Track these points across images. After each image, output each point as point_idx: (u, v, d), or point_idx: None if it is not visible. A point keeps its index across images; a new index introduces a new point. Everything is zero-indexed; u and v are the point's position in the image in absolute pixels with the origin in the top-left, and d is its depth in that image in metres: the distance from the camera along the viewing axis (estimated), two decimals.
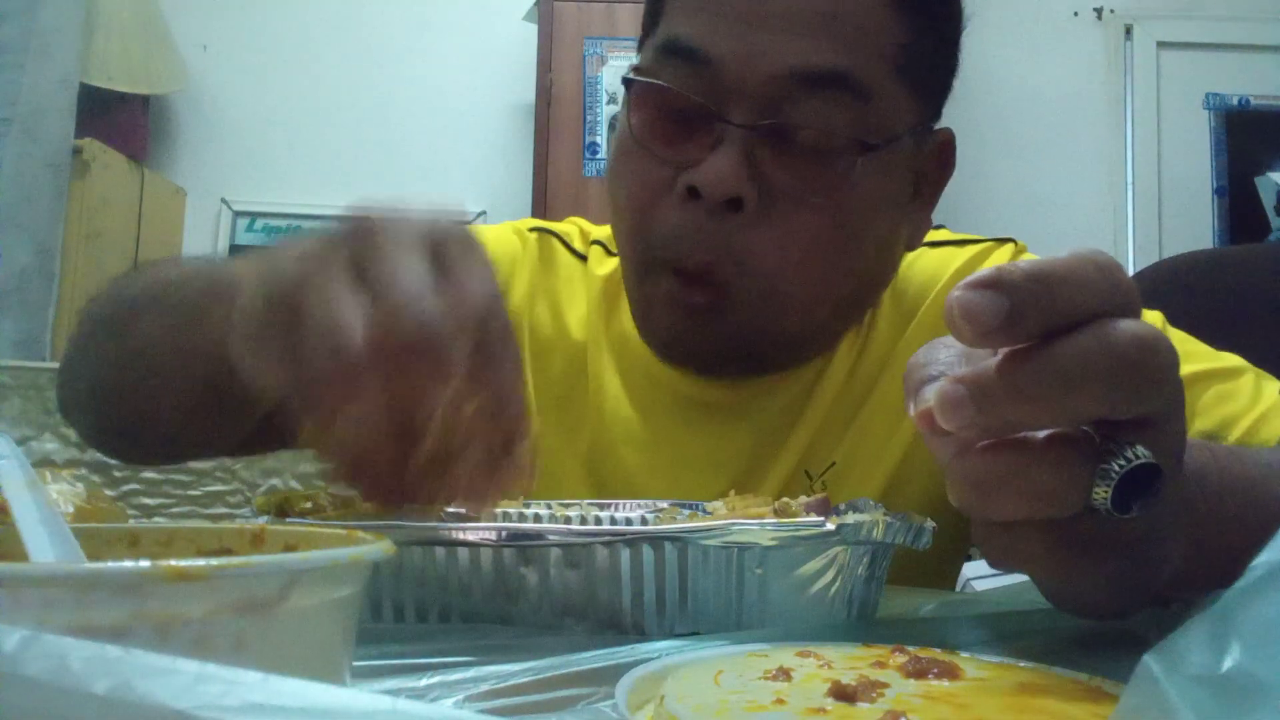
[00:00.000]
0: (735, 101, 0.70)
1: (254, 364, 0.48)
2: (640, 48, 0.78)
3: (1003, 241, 0.85)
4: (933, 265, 0.84)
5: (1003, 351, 0.38)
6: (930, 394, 0.38)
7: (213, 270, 0.63)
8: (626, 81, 0.75)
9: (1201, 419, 0.73)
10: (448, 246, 0.48)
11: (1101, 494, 0.38)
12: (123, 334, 0.70)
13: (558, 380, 0.85)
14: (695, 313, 0.72)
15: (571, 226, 0.93)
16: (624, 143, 0.75)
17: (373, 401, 0.44)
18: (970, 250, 0.84)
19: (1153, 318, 0.80)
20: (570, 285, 0.88)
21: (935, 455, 0.41)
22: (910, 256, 0.85)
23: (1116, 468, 0.38)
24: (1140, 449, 0.38)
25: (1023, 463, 0.38)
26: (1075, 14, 3.37)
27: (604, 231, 0.91)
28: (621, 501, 0.70)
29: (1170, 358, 0.39)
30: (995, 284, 0.36)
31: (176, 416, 0.68)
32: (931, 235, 0.87)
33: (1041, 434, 0.38)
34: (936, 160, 0.79)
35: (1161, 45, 3.34)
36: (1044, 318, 0.37)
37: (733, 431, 0.81)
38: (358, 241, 0.47)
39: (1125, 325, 0.38)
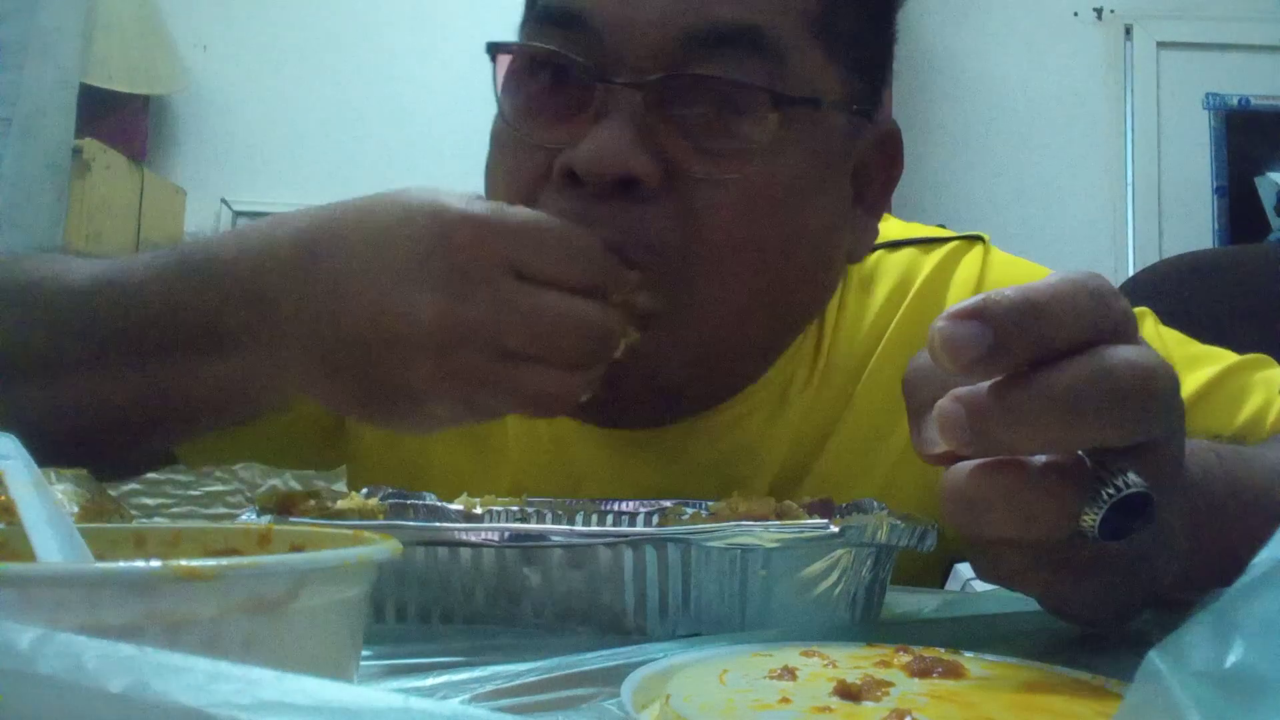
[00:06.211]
0: (620, 62, 0.58)
1: (336, 388, 0.54)
2: (520, 31, 0.67)
3: (971, 241, 0.77)
4: (899, 269, 0.75)
5: None
6: (932, 424, 0.38)
7: (199, 297, 0.57)
8: (490, 49, 0.64)
9: (1205, 418, 0.73)
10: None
11: (1090, 519, 0.38)
12: (89, 365, 0.61)
13: None
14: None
15: None
16: (497, 132, 0.65)
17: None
18: (938, 254, 0.75)
19: (1141, 315, 0.78)
20: None
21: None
22: (872, 258, 0.74)
23: (1106, 495, 0.38)
24: (1132, 476, 0.38)
25: (1013, 485, 0.38)
26: (1075, 14, 3.37)
27: None
28: (625, 501, 0.69)
29: (1168, 383, 0.38)
30: (979, 314, 0.35)
31: (156, 428, 0.65)
32: (889, 234, 0.76)
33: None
34: (879, 156, 0.68)
35: (1161, 45, 3.34)
36: (1030, 349, 0.36)
37: (673, 474, 0.69)
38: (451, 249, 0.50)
39: (1120, 354, 0.37)
